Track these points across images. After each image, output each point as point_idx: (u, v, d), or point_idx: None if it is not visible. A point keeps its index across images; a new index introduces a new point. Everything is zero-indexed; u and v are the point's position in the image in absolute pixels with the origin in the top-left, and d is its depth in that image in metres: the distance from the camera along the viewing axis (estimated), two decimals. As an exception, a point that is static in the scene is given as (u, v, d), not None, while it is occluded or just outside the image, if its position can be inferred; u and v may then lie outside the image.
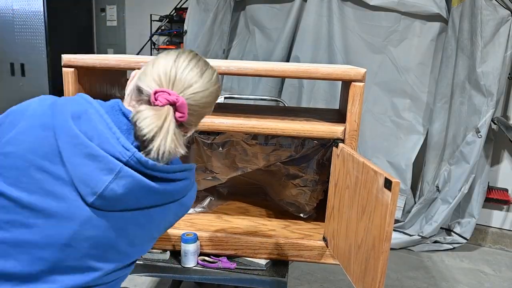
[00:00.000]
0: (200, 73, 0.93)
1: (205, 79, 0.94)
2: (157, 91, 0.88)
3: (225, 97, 2.67)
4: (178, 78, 0.90)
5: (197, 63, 0.94)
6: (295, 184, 1.67)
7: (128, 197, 0.88)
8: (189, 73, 0.92)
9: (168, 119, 0.87)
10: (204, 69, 0.95)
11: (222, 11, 3.49)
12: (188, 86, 0.91)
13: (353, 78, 1.38)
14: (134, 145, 0.89)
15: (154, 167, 0.89)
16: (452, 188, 3.02)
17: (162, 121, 0.86)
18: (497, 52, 2.79)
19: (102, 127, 0.88)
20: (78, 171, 0.86)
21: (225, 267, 1.50)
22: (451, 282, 2.75)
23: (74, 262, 0.90)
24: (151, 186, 0.90)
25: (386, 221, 1.06)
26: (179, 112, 0.89)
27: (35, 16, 3.92)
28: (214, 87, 0.96)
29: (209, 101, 0.96)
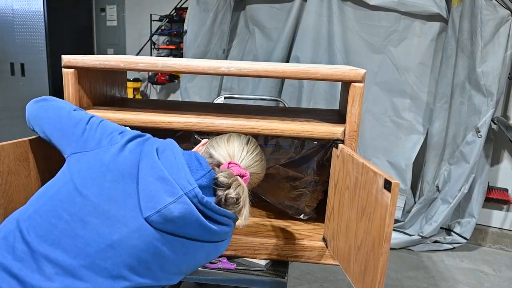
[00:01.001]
0: (259, 160, 1.22)
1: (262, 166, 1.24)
2: (231, 162, 1.14)
3: (225, 97, 2.67)
4: (246, 158, 1.18)
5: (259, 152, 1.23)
6: (295, 186, 1.66)
7: (179, 222, 1.00)
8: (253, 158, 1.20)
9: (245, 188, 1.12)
10: (262, 158, 1.24)
11: (222, 11, 3.49)
12: (251, 166, 1.19)
13: (353, 79, 1.38)
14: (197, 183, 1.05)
15: (207, 205, 1.03)
16: (452, 188, 3.02)
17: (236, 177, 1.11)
18: (497, 52, 2.79)
19: (176, 162, 1.06)
20: (147, 188, 1.01)
21: (225, 268, 1.50)
22: (451, 282, 2.75)
23: (111, 265, 1.00)
24: (201, 220, 1.02)
25: (386, 222, 1.06)
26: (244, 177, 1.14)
27: (35, 16, 3.92)
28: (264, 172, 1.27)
29: (258, 178, 1.24)
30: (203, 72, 1.44)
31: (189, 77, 3.65)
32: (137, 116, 1.47)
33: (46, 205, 1.04)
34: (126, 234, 1.00)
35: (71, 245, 1.00)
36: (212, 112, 1.56)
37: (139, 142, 1.12)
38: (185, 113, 1.53)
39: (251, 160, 1.19)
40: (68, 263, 0.99)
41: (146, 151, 1.08)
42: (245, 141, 1.22)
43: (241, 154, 1.18)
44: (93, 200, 1.02)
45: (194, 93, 3.66)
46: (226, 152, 1.17)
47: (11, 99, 4.08)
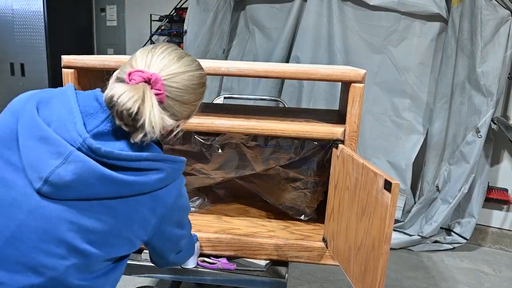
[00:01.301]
0: (178, 58, 0.92)
1: (184, 63, 0.92)
2: (131, 72, 0.87)
3: (224, 97, 2.67)
4: (154, 61, 0.89)
5: (175, 50, 0.93)
6: (295, 187, 1.66)
7: (79, 184, 0.83)
8: (166, 57, 0.90)
9: (147, 92, 0.85)
10: (183, 55, 0.94)
11: (222, 11, 3.49)
12: (165, 68, 0.89)
13: (352, 79, 1.38)
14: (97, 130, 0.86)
15: (108, 155, 0.84)
16: (452, 188, 3.01)
17: (142, 93, 0.84)
18: (497, 52, 2.79)
19: (64, 111, 0.86)
20: (29, 155, 0.83)
21: (224, 268, 1.50)
22: (451, 282, 2.75)
23: (23, 257, 0.83)
24: (108, 174, 0.84)
25: (386, 222, 1.06)
26: (155, 89, 0.86)
27: (35, 16, 3.92)
28: (196, 72, 0.94)
29: (190, 85, 0.92)
30: (203, 73, 1.43)
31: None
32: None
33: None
34: (24, 218, 0.83)
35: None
36: (212, 113, 1.56)
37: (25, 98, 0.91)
38: (185, 113, 1.52)
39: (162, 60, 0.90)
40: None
41: (25, 108, 0.87)
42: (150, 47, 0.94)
43: (145, 59, 0.89)
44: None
45: (194, 93, 3.65)
46: (129, 66, 0.90)
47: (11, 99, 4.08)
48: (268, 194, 1.74)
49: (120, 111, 0.84)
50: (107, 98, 0.86)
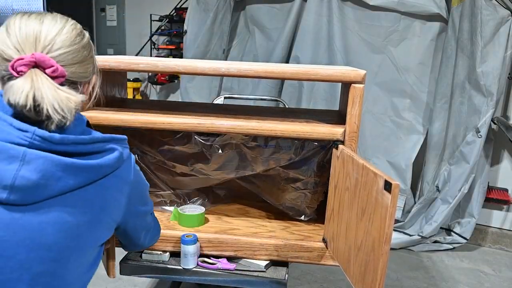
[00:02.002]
0: (39, 21, 0.83)
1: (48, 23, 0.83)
2: (12, 65, 0.77)
3: (225, 97, 2.67)
4: (21, 39, 0.80)
5: (30, 16, 0.84)
6: (295, 187, 1.66)
7: (47, 181, 0.78)
8: (27, 27, 0.81)
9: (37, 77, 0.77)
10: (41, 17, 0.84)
11: (222, 11, 3.49)
12: (35, 40, 0.80)
13: (353, 79, 1.38)
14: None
15: (64, 140, 0.80)
16: (452, 188, 3.02)
17: (30, 82, 0.77)
18: (497, 52, 2.79)
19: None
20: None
21: (224, 268, 1.50)
22: (451, 282, 2.75)
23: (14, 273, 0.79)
24: (70, 163, 0.80)
25: (386, 223, 1.07)
26: (47, 67, 0.79)
27: (35, 16, 3.92)
28: (66, 25, 0.86)
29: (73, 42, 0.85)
30: (203, 73, 1.44)
31: (189, 77, 3.65)
32: (137, 117, 1.47)
33: None
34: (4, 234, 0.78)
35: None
36: (212, 113, 1.56)
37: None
38: (186, 114, 1.53)
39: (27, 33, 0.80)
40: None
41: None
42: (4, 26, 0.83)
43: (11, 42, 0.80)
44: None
45: (194, 93, 3.66)
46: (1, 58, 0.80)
47: (11, 99, 4.08)
48: (268, 195, 1.74)
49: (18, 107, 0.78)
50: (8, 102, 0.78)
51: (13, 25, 0.81)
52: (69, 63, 0.83)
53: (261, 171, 1.65)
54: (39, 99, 0.77)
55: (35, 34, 0.81)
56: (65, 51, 0.83)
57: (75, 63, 0.85)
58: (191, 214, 1.64)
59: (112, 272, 1.32)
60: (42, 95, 0.77)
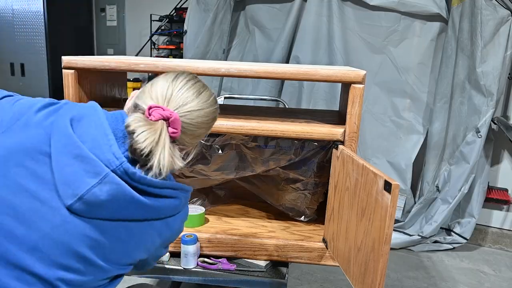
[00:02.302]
0: (197, 93, 0.94)
1: (202, 99, 0.95)
2: (151, 107, 0.88)
3: (225, 97, 2.67)
4: (174, 96, 0.91)
5: (195, 84, 0.96)
6: (295, 188, 1.66)
7: (110, 205, 0.85)
8: (185, 93, 0.93)
9: (163, 133, 0.87)
10: (201, 90, 0.96)
11: (222, 11, 3.49)
12: (183, 104, 0.91)
13: (353, 80, 1.38)
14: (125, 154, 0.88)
15: (141, 180, 0.87)
16: (452, 188, 3.02)
17: (158, 136, 0.86)
18: (497, 52, 2.79)
19: (98, 132, 0.87)
20: (63, 171, 0.84)
21: (225, 269, 1.50)
22: (451, 282, 2.75)
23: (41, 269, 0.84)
24: (137, 198, 0.87)
25: (386, 223, 1.07)
26: (172, 127, 0.89)
27: (35, 16, 3.92)
28: (211, 108, 0.97)
29: (204, 121, 0.96)
30: (203, 73, 1.44)
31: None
32: (137, 117, 1.47)
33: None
34: (49, 231, 0.84)
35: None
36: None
37: (49, 112, 0.91)
38: (185, 114, 1.52)
39: (181, 96, 0.92)
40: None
41: (58, 123, 0.88)
42: (172, 77, 0.95)
43: (166, 93, 0.91)
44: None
45: (194, 93, 3.65)
46: (149, 96, 0.92)
47: (11, 99, 4.08)
48: (268, 195, 1.74)
49: (133, 148, 0.86)
50: (129, 130, 0.87)
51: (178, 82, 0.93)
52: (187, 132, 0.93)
53: (261, 172, 1.65)
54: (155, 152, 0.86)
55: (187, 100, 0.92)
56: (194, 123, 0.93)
57: (190, 135, 0.94)
58: (191, 215, 1.64)
59: None
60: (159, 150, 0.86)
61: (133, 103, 0.95)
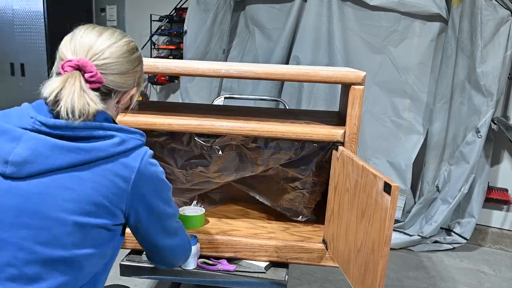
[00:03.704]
0: (98, 34, 0.98)
1: (106, 37, 0.98)
2: (62, 64, 0.94)
3: (225, 97, 2.67)
4: (78, 45, 0.95)
5: (95, 28, 0.99)
6: (294, 187, 1.66)
7: (36, 158, 0.90)
8: (87, 38, 0.96)
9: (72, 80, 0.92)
10: (102, 31, 0.99)
11: (222, 11, 3.49)
12: (90, 48, 0.95)
13: (353, 81, 1.38)
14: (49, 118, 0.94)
15: (57, 124, 0.92)
16: (452, 188, 3.02)
17: (64, 82, 0.91)
18: (497, 52, 2.78)
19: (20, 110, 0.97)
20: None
21: (224, 270, 1.50)
22: (451, 282, 2.75)
23: (4, 233, 0.91)
24: (60, 144, 0.91)
25: (386, 224, 1.07)
26: (88, 72, 0.93)
27: (35, 16, 3.91)
28: (120, 42, 0.99)
29: (121, 55, 0.99)
30: (203, 75, 1.44)
31: (189, 77, 3.65)
32: (137, 118, 1.47)
33: None
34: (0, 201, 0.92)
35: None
36: (212, 114, 1.56)
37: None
38: (186, 115, 1.53)
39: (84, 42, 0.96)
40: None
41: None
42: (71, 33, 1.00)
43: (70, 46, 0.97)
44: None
45: (194, 93, 3.65)
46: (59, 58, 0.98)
47: (11, 99, 4.08)
48: (266, 196, 1.74)
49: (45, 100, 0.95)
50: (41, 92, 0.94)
51: (78, 33, 0.98)
52: (110, 72, 0.97)
53: (261, 171, 1.65)
54: (60, 97, 0.91)
55: (90, 43, 0.96)
56: (110, 61, 0.96)
57: (115, 73, 0.98)
58: (191, 215, 1.64)
59: None
60: (64, 95, 0.91)
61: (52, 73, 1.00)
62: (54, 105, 0.93)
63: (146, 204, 1.03)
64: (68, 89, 0.91)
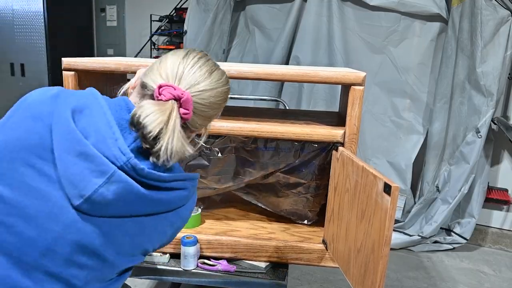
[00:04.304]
0: (209, 72, 0.90)
1: (214, 78, 0.90)
2: (162, 85, 0.84)
3: (225, 97, 2.66)
4: (186, 74, 0.86)
5: (207, 62, 0.91)
6: (297, 193, 1.65)
7: (118, 203, 0.82)
8: (198, 71, 0.88)
9: (173, 115, 0.82)
10: (213, 69, 0.91)
11: (222, 11, 3.49)
12: (196, 84, 0.87)
13: (353, 81, 1.38)
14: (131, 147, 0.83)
15: (149, 176, 0.83)
16: (452, 188, 3.02)
17: (167, 117, 0.81)
18: (497, 52, 2.78)
19: (102, 125, 0.82)
20: (68, 170, 0.80)
21: (225, 270, 1.50)
22: (451, 283, 2.75)
23: (55, 268, 0.83)
24: (144, 194, 0.83)
25: (386, 225, 1.07)
26: (184, 108, 0.84)
27: (35, 16, 3.92)
28: (223, 88, 0.93)
29: (217, 102, 0.91)
30: (203, 75, 1.44)
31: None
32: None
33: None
34: (60, 232, 0.81)
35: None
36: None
37: (46, 102, 0.86)
38: (185, 115, 1.52)
39: (193, 74, 0.87)
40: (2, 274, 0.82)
41: (59, 115, 0.82)
42: (183, 54, 0.90)
43: (177, 70, 0.86)
44: (7, 195, 0.81)
45: (194, 93, 3.65)
46: (158, 74, 0.87)
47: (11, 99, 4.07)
48: (269, 203, 1.73)
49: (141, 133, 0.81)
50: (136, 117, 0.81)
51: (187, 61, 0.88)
52: (198, 113, 0.88)
53: (260, 177, 1.64)
54: (162, 136, 0.80)
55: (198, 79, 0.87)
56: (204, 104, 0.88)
57: (201, 116, 0.90)
58: None
59: None
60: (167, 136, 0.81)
61: (140, 82, 0.90)
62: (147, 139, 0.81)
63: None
64: (171, 127, 0.81)
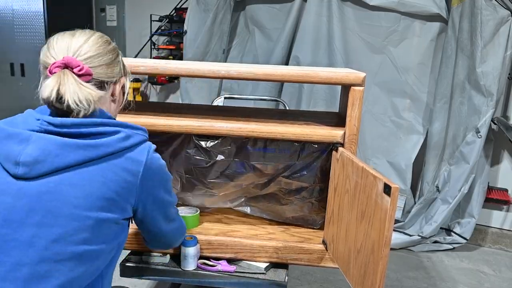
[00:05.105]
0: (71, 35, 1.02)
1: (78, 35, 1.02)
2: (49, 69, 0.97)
3: (225, 97, 2.67)
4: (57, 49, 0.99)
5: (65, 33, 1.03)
6: (300, 198, 1.64)
7: (47, 158, 0.93)
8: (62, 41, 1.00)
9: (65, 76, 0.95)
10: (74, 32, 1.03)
11: (222, 11, 3.49)
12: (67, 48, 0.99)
13: (352, 82, 1.38)
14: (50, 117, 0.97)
15: (64, 123, 0.95)
16: (452, 188, 3.02)
17: (58, 79, 0.94)
18: (497, 52, 2.78)
19: (26, 115, 1.00)
20: (1, 152, 0.95)
21: (224, 271, 1.50)
22: (450, 283, 2.75)
23: (15, 234, 0.92)
24: (68, 141, 0.94)
25: (386, 226, 1.07)
26: (75, 66, 0.96)
27: (35, 16, 3.92)
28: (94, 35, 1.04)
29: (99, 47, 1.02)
30: (203, 76, 1.44)
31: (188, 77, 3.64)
32: (137, 119, 1.47)
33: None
34: (11, 201, 0.93)
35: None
36: (211, 115, 1.56)
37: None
38: (185, 116, 1.53)
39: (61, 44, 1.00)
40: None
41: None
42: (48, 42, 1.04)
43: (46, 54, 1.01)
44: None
45: (194, 93, 3.66)
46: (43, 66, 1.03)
47: (11, 99, 4.08)
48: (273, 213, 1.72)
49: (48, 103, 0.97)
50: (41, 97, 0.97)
51: (52, 41, 1.02)
52: (96, 64, 1.00)
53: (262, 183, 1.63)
54: (62, 92, 0.94)
55: (67, 44, 0.99)
56: (92, 54, 1.00)
57: (101, 64, 1.01)
58: (185, 216, 1.64)
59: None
60: (65, 89, 0.94)
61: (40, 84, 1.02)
62: (57, 103, 0.95)
63: (153, 196, 1.09)
64: (67, 84, 0.94)
